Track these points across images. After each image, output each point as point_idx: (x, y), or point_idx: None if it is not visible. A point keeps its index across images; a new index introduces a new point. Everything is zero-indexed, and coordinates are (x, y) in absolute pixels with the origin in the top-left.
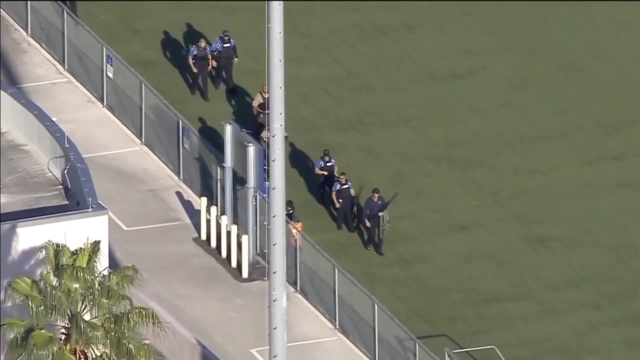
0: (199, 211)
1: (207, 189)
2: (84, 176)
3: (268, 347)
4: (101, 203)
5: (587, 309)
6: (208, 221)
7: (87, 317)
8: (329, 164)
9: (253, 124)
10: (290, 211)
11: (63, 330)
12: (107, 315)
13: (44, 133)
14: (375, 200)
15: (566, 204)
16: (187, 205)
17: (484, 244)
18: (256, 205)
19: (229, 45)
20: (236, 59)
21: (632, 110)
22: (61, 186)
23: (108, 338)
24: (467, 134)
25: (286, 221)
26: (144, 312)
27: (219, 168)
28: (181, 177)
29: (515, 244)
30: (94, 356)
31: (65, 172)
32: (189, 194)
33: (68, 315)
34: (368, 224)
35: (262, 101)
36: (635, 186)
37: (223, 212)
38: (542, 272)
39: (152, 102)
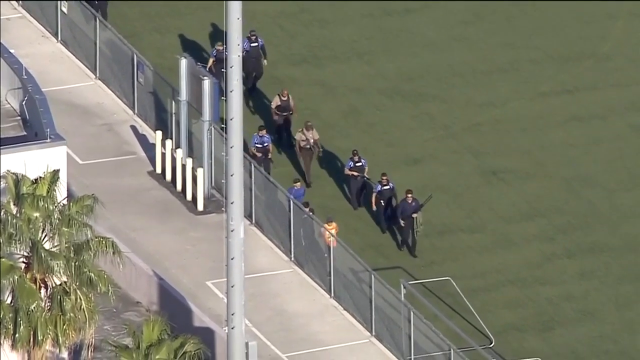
0: (153, 145)
1: (162, 123)
2: (42, 107)
3: (223, 279)
4: (60, 133)
5: (540, 240)
6: (163, 154)
7: (47, 246)
8: (358, 164)
9: (273, 128)
10: (311, 212)
11: (24, 259)
12: (68, 244)
13: (1, 64)
14: (410, 201)
15: (519, 136)
16: (142, 138)
17: (437, 177)
18: (211, 138)
19: (256, 44)
20: (265, 61)
21: (584, 43)
22: (19, 117)
23: (68, 267)
24: (419, 68)
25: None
26: (103, 242)
27: (173, 102)
28: (136, 111)
29: (468, 177)
30: (54, 285)
31: (24, 103)
32: (144, 128)
33: (29, 244)
34: (402, 223)
35: (279, 103)
36: (587, 119)
37: (178, 146)
38: (496, 204)
39: (107, 37)
